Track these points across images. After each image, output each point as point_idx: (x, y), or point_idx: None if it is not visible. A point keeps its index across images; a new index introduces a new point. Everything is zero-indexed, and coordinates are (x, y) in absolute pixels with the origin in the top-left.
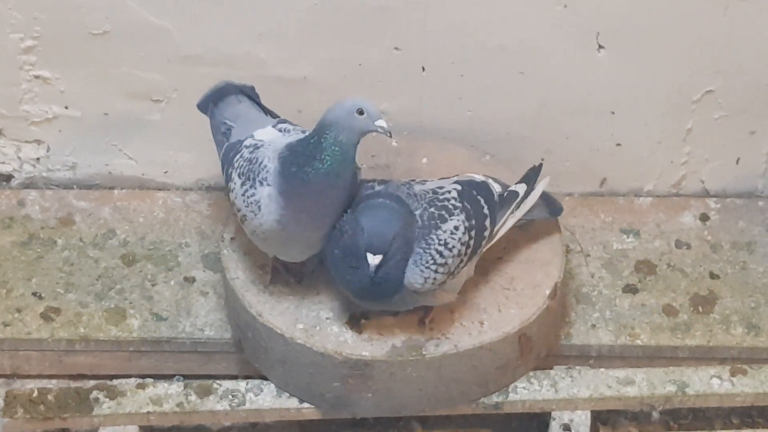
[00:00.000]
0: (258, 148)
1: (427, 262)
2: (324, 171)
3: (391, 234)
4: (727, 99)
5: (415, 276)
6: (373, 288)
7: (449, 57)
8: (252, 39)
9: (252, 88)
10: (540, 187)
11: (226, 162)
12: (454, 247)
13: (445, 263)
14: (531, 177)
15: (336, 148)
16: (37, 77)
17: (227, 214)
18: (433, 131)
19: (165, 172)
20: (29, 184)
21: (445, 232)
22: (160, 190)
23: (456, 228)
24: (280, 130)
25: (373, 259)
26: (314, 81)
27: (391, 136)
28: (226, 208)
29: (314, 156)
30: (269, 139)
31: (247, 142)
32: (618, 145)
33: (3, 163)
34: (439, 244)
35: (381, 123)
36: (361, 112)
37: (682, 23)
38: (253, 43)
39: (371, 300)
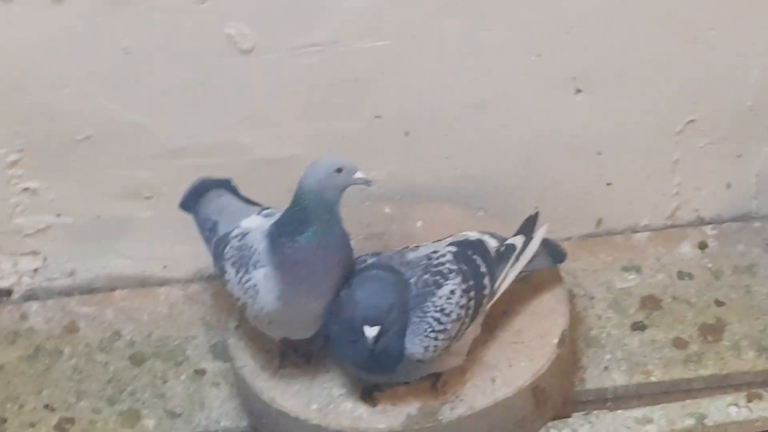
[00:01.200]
0: (245, 235)
1: (425, 331)
2: (313, 234)
3: (386, 304)
4: (709, 126)
5: (414, 346)
6: (374, 360)
7: (430, 119)
8: (233, 126)
9: (229, 181)
10: (538, 236)
11: (218, 256)
12: (452, 312)
13: (445, 329)
14: (527, 227)
15: (321, 210)
16: (25, 189)
17: (230, 302)
18: (425, 194)
19: (164, 267)
20: (30, 296)
21: (441, 298)
22: (161, 285)
23: (452, 292)
24: (265, 216)
25: (371, 331)
26: (301, 158)
27: (370, 185)
28: (228, 295)
29: (302, 221)
30: (256, 225)
31: (234, 233)
32: (608, 184)
33: (1, 279)
34: (436, 311)
35: (359, 175)
36: (339, 170)
37: (654, 58)
38: (235, 130)
39: (375, 373)
